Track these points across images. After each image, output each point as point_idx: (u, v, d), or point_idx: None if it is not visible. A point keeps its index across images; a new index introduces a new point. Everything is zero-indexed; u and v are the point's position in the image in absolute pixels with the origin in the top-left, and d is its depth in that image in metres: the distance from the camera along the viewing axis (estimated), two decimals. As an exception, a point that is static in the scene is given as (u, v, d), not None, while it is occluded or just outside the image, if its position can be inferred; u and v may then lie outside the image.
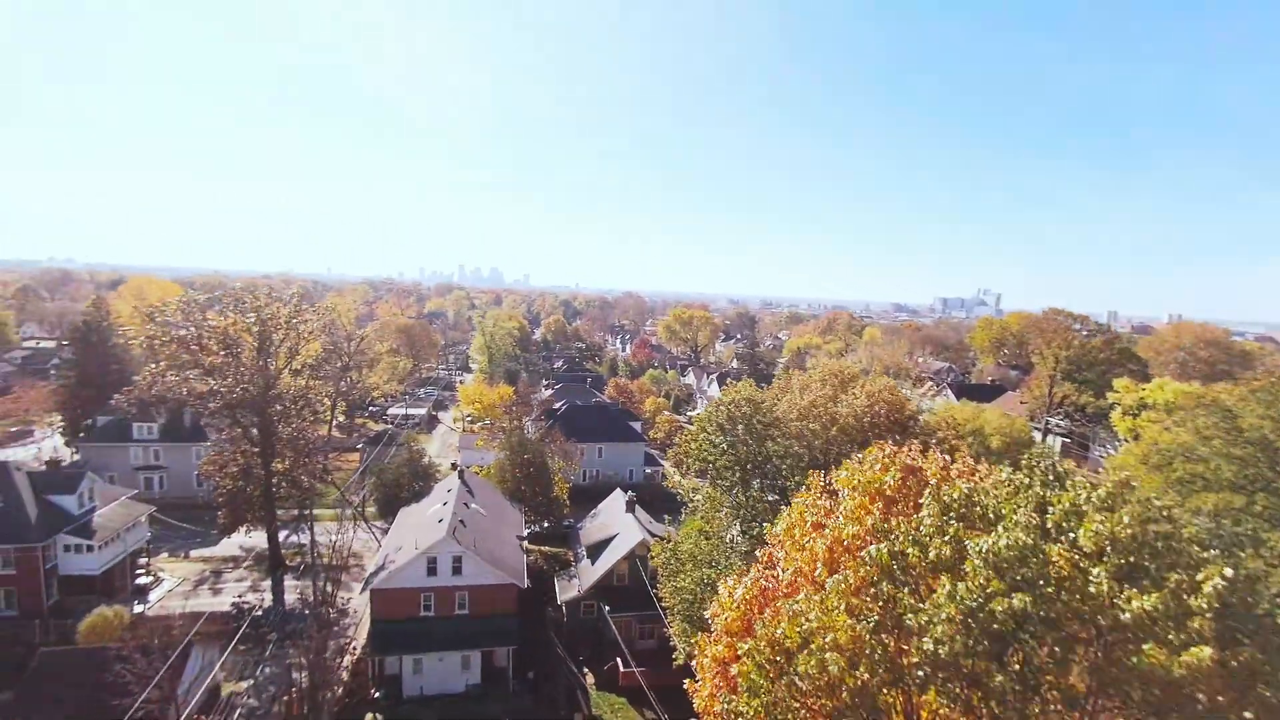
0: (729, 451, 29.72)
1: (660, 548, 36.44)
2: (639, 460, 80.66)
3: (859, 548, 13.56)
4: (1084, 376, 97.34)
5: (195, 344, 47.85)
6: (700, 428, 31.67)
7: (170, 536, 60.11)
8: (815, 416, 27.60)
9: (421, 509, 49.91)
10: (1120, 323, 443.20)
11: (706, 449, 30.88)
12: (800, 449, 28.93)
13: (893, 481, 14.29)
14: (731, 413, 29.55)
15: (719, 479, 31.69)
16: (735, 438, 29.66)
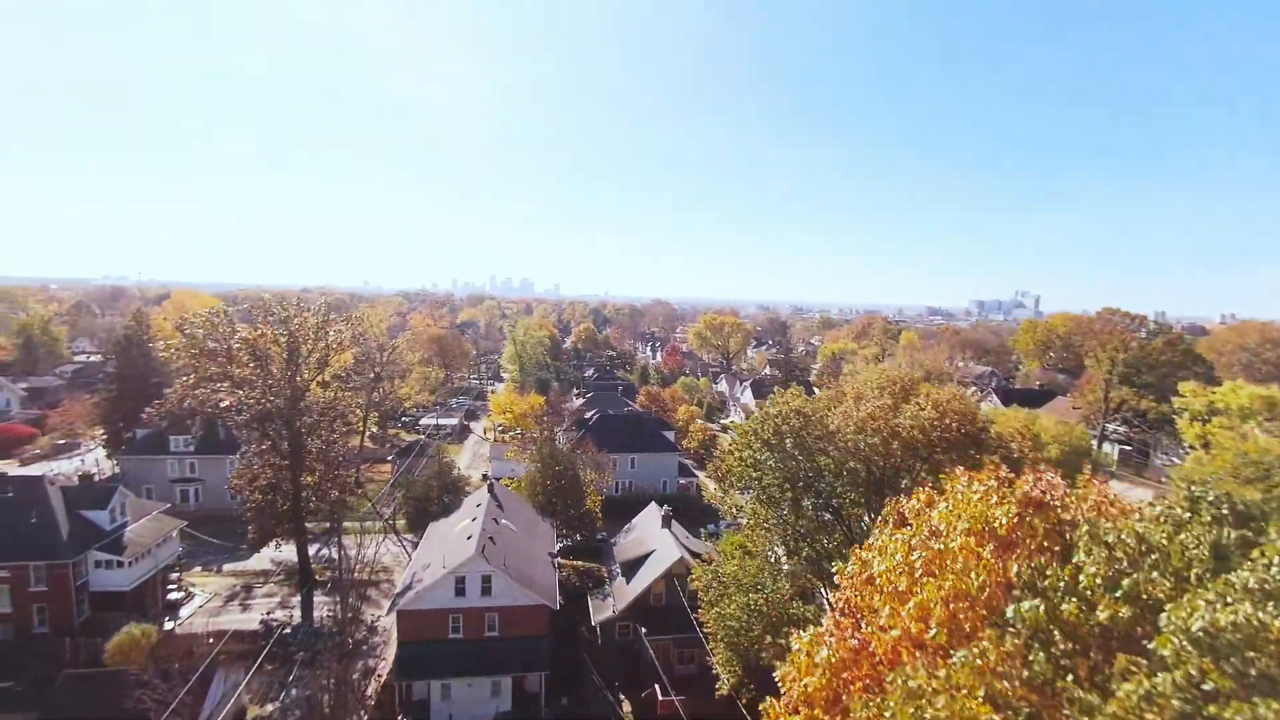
0: (777, 468, 26.88)
1: (701, 570, 33.67)
2: (672, 471, 77.89)
3: (991, 605, 10.62)
4: (1143, 380, 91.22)
5: (224, 356, 46.97)
6: (744, 441, 28.85)
7: (203, 550, 59.61)
8: (875, 429, 24.60)
9: (450, 524, 48.04)
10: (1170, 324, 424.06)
11: (750, 466, 28.06)
12: (856, 465, 25.93)
13: (1006, 518, 11.33)
14: (779, 426, 26.73)
15: (764, 497, 28.82)
16: (784, 453, 26.80)
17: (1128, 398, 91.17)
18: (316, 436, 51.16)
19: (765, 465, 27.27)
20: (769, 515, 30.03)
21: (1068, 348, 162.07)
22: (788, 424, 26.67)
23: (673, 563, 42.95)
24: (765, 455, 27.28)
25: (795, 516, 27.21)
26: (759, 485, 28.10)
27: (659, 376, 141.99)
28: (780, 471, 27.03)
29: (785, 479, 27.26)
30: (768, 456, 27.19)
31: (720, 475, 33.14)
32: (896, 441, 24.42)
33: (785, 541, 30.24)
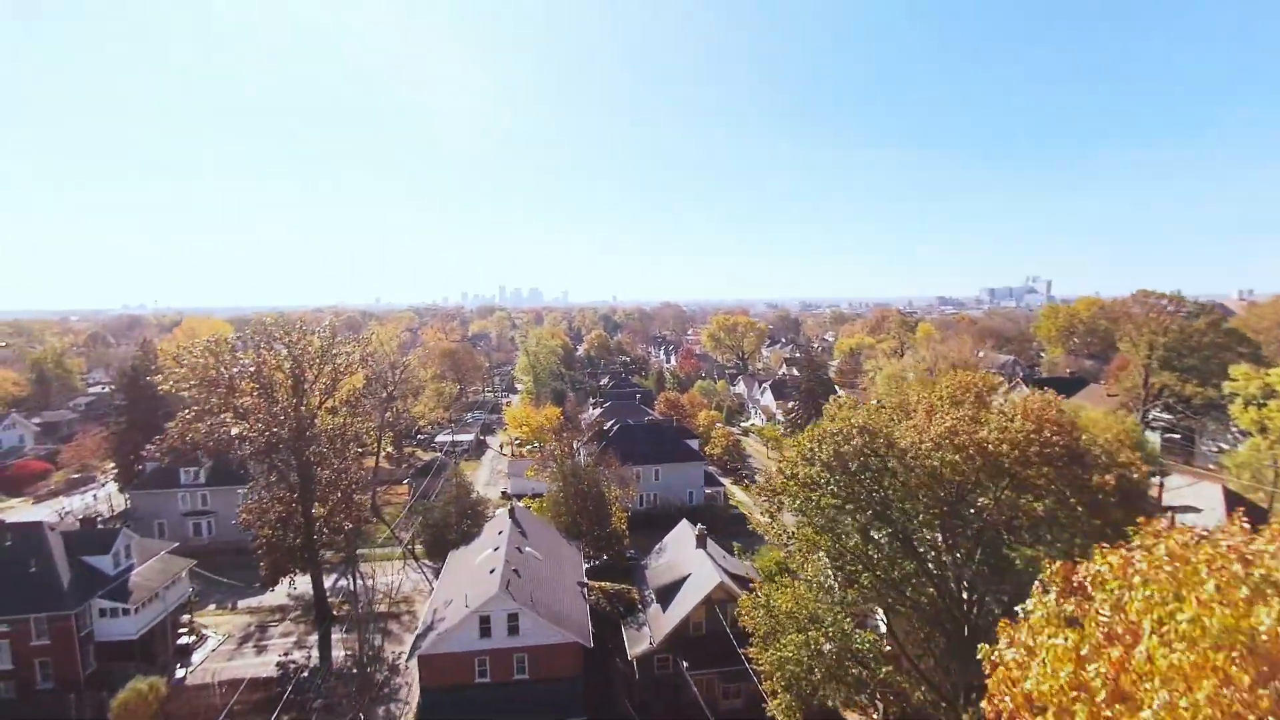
0: (839, 493, 23.33)
1: (750, 603, 30.09)
2: (699, 481, 74.29)
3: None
4: (1186, 364, 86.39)
5: (225, 386, 44.16)
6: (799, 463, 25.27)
7: (216, 587, 56.80)
8: (957, 446, 21.08)
9: (471, 554, 44.81)
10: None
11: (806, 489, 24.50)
12: (933, 486, 22.31)
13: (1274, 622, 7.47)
14: (840, 446, 23.22)
15: (820, 522, 25.22)
16: (846, 476, 23.25)
17: (1170, 383, 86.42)
18: (327, 466, 48.22)
19: (825, 489, 23.72)
20: (822, 540, 26.47)
21: (1092, 332, 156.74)
22: (850, 444, 23.18)
23: (712, 588, 39.42)
24: (824, 478, 23.73)
25: (864, 545, 23.57)
26: (815, 510, 24.54)
27: (675, 381, 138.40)
28: (842, 496, 23.48)
29: (847, 503, 23.69)
30: (827, 479, 23.64)
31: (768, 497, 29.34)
32: (981, 458, 20.88)
33: (842, 567, 26.64)
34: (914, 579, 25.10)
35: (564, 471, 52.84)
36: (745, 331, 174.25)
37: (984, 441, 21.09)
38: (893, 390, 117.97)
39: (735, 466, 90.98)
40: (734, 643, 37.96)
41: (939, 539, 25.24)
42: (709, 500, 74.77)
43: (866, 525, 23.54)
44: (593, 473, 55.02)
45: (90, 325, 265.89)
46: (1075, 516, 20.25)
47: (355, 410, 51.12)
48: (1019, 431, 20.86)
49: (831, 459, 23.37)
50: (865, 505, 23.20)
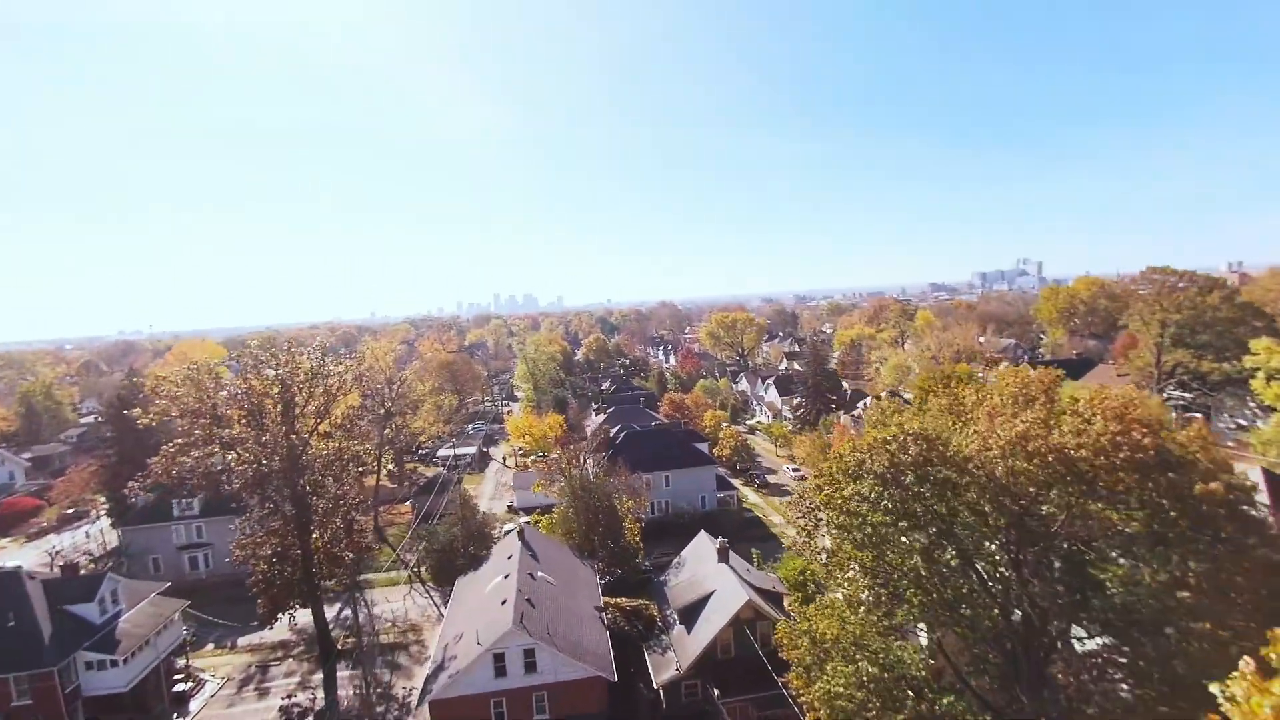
0: (894, 509, 20.48)
1: (788, 629, 27.22)
2: (710, 485, 71.46)
3: None
4: (1199, 339, 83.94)
5: (207, 416, 41.10)
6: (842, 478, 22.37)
7: (212, 627, 53.68)
8: (1031, 453, 18.30)
9: (480, 581, 41.88)
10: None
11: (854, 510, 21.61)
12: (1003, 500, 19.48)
13: None
14: (896, 457, 20.40)
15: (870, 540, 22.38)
16: (902, 490, 20.42)
17: (1184, 360, 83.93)
18: (323, 494, 45.20)
19: (878, 505, 20.88)
20: (864, 557, 23.64)
21: (1093, 312, 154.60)
22: (907, 453, 20.39)
23: (740, 607, 36.59)
24: (876, 492, 20.89)
25: (925, 566, 20.69)
26: (863, 528, 21.69)
27: (677, 381, 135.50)
28: (895, 513, 20.66)
29: (900, 519, 20.85)
30: (879, 494, 20.81)
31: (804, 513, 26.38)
32: (1061, 466, 18.10)
33: (889, 586, 23.81)
34: (974, 598, 22.30)
35: (573, 486, 49.92)
36: (744, 328, 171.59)
37: (1062, 447, 18.32)
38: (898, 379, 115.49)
39: (745, 467, 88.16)
40: (767, 665, 35.21)
41: (1001, 555, 22.39)
42: (722, 505, 71.98)
43: (930, 545, 20.66)
44: (603, 486, 52.10)
45: (85, 354, 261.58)
46: (1181, 533, 17.48)
47: (351, 432, 48.04)
48: (1101, 434, 18.11)
49: (887, 471, 20.51)
50: (926, 522, 20.36)
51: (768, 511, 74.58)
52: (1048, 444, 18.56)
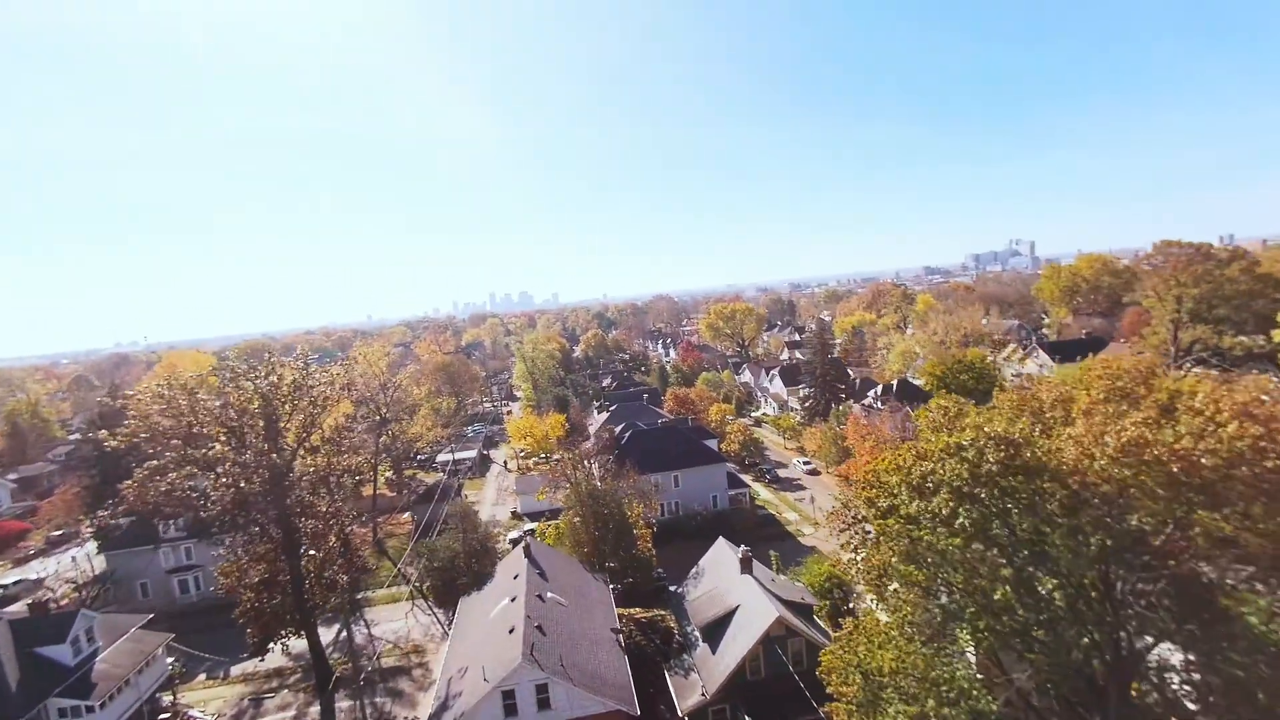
0: (974, 532, 17.09)
1: (838, 656, 23.86)
2: (722, 484, 68.16)
3: None
4: (1218, 313, 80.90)
5: (180, 436, 37.50)
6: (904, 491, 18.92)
7: (208, 650, 50.30)
8: (1149, 461, 14.98)
9: (485, 602, 38.51)
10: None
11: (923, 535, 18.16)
12: (1109, 520, 16.09)
13: None
14: (978, 468, 16.98)
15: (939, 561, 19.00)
16: (986, 510, 17.02)
17: (1203, 335, 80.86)
18: (312, 514, 41.72)
19: (954, 525, 17.47)
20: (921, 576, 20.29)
21: (1096, 290, 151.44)
22: (988, 462, 16.98)
23: (769, 624, 33.28)
24: (949, 510, 17.50)
25: (1013, 596, 17.29)
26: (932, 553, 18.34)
27: (679, 375, 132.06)
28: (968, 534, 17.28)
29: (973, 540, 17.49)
30: (955, 513, 17.41)
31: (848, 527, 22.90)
32: (1185, 477, 14.80)
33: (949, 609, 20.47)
34: (1057, 624, 18.97)
35: (580, 496, 46.49)
36: (744, 318, 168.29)
37: (1188, 454, 14.97)
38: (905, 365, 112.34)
39: (755, 462, 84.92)
40: (802, 688, 31.98)
41: (1091, 576, 19.01)
42: (734, 504, 68.71)
43: (1021, 572, 17.18)
44: (613, 494, 48.69)
45: (76, 368, 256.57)
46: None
47: (340, 445, 44.46)
48: (1235, 437, 14.76)
49: (965, 484, 17.10)
50: (1013, 545, 17.00)
51: (781, 508, 71.40)
52: (1171, 451, 15.18)
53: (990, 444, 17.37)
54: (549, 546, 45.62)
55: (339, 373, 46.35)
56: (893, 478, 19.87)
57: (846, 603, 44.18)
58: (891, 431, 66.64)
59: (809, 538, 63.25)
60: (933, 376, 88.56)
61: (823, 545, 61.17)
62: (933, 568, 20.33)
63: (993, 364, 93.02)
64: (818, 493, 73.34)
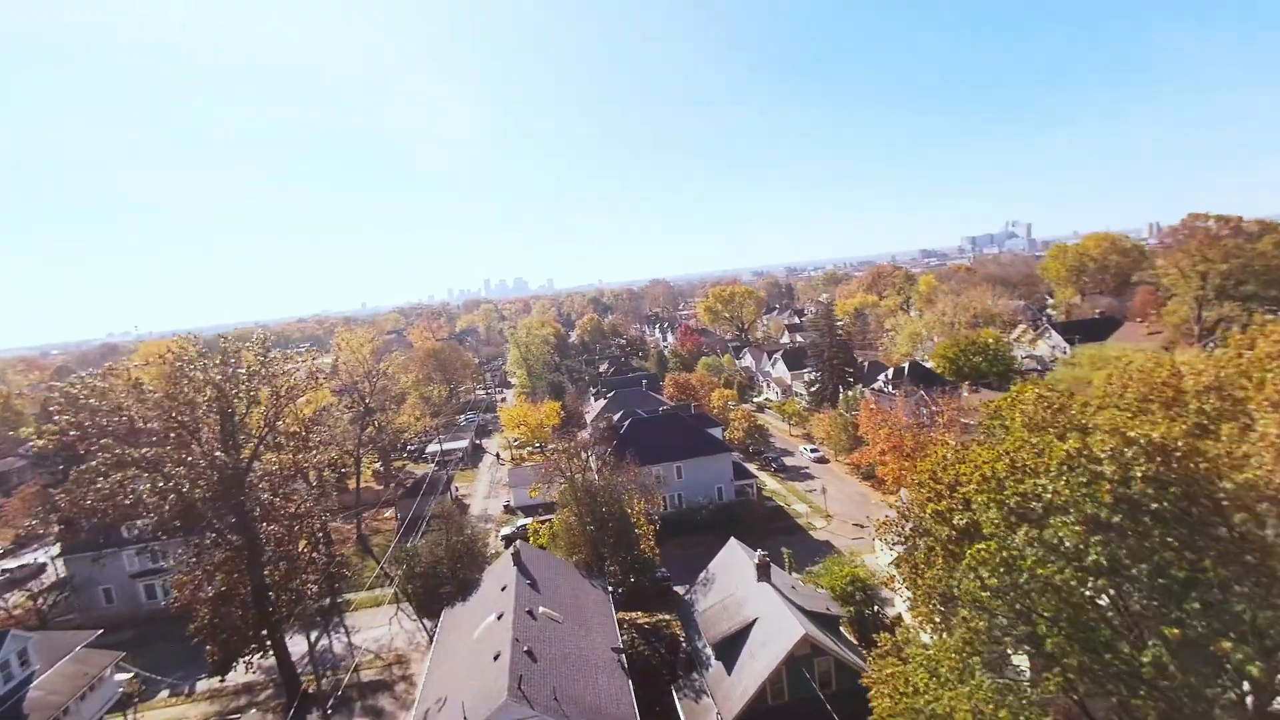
0: (1110, 568, 12.51)
1: (887, 687, 19.34)
2: (726, 474, 63.70)
3: None
4: (1246, 290, 76.43)
5: (114, 433, 32.60)
6: (998, 514, 14.23)
7: (172, 665, 45.82)
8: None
9: (471, 615, 33.95)
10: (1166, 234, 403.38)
11: (1033, 562, 13.42)
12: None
13: None
14: (1123, 488, 12.39)
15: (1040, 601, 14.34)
16: (1140, 542, 12.37)
17: (1230, 314, 76.39)
18: (276, 519, 36.99)
19: (1084, 560, 12.85)
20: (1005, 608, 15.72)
21: (1104, 269, 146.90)
22: (1135, 480, 12.35)
23: (794, 644, 28.82)
24: (1076, 541, 12.85)
25: (1172, 661, 12.69)
26: (1050, 588, 13.70)
27: (678, 360, 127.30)
28: (1106, 571, 12.65)
29: (1096, 574, 12.88)
30: (1088, 546, 12.76)
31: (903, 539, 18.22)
32: None
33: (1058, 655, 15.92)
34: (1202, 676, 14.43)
35: (577, 494, 41.84)
36: (743, 301, 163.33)
37: None
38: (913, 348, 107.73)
39: (760, 450, 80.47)
40: (831, 712, 27.64)
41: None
42: (740, 495, 64.30)
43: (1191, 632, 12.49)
44: (611, 488, 44.09)
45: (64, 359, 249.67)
46: None
47: (307, 441, 39.58)
48: None
49: (1104, 510, 12.40)
50: (1179, 589, 12.38)
51: (790, 500, 67.05)
52: None
53: (1138, 455, 12.67)
54: (542, 550, 41.05)
55: (304, 359, 41.30)
56: (979, 494, 15.17)
57: (872, 606, 39.87)
58: (907, 418, 62.25)
59: (821, 531, 58.97)
60: (944, 359, 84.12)
61: (837, 540, 56.95)
62: (1032, 603, 15.65)
63: (1006, 345, 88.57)
64: (828, 482, 69.05)
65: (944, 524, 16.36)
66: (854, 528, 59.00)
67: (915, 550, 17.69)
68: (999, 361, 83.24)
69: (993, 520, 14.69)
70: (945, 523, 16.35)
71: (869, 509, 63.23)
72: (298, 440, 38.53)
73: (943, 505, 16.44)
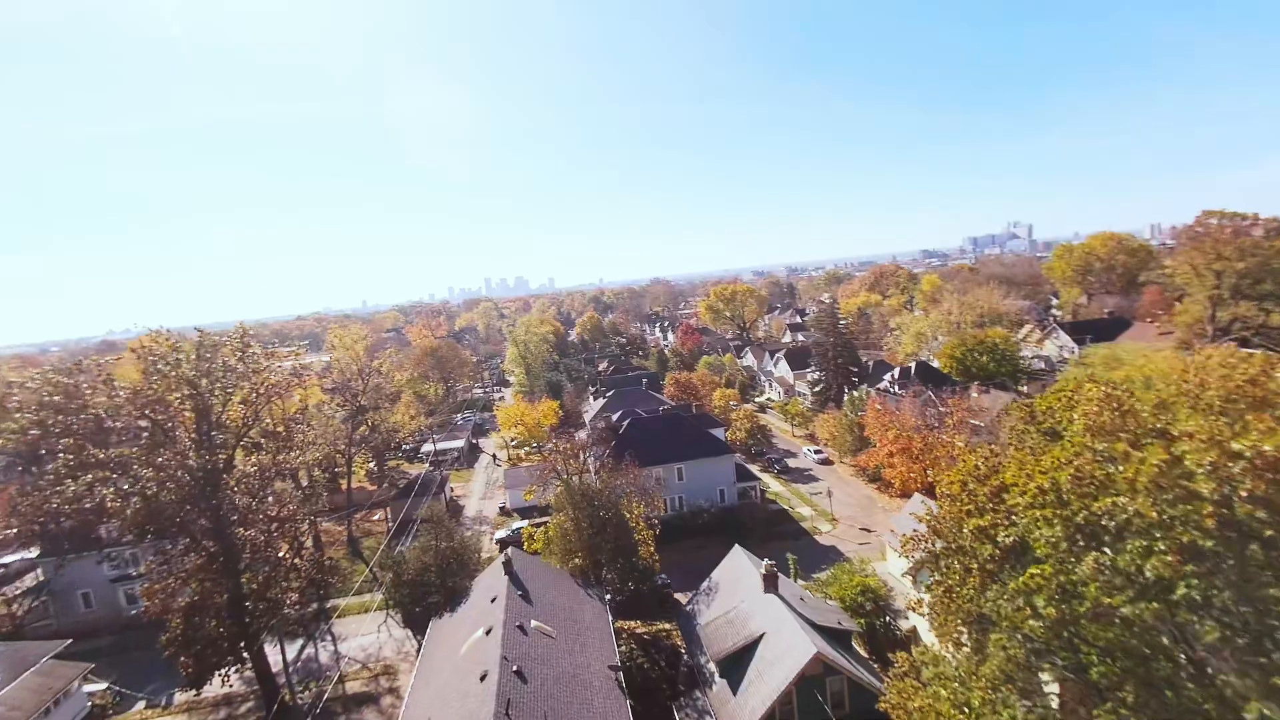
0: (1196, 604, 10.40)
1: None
2: (729, 477, 61.53)
3: None
4: (1263, 289, 74.25)
5: (76, 433, 30.46)
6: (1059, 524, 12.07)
7: (152, 674, 43.69)
8: None
9: (458, 629, 31.79)
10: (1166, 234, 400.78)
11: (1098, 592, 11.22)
12: None
13: None
14: (1226, 510, 10.30)
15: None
16: (1233, 566, 10.32)
17: (1246, 314, 74.24)
18: (253, 524, 34.84)
19: (1168, 596, 10.77)
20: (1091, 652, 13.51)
21: (1110, 269, 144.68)
22: (1240, 499, 10.27)
23: (805, 663, 26.68)
24: (1164, 573, 10.70)
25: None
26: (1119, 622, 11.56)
27: (679, 359, 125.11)
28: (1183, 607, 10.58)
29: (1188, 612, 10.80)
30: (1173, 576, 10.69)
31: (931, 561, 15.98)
32: None
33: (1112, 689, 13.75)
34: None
35: (573, 498, 39.66)
36: (744, 300, 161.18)
37: None
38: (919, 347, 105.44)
39: (762, 451, 78.32)
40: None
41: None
42: (743, 497, 62.14)
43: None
44: (609, 492, 41.93)
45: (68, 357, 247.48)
46: None
47: (288, 441, 37.42)
48: None
49: (1203, 537, 10.28)
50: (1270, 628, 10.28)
51: (794, 502, 64.88)
52: None
53: (1245, 471, 10.47)
54: (536, 558, 38.88)
55: (288, 355, 39.18)
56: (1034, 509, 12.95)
57: (884, 618, 37.71)
58: (915, 419, 60.07)
59: (827, 536, 56.79)
60: (951, 358, 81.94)
61: (844, 545, 54.79)
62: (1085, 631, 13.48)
63: (1014, 345, 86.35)
64: (833, 484, 66.87)
65: (987, 541, 14.24)
66: (861, 532, 56.86)
67: (949, 571, 15.50)
68: (1007, 361, 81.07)
69: (1050, 540, 12.59)
70: (988, 540, 14.23)
71: (875, 513, 61.09)
72: (279, 440, 36.34)
73: (985, 520, 14.32)
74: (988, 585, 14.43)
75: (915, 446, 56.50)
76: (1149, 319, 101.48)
